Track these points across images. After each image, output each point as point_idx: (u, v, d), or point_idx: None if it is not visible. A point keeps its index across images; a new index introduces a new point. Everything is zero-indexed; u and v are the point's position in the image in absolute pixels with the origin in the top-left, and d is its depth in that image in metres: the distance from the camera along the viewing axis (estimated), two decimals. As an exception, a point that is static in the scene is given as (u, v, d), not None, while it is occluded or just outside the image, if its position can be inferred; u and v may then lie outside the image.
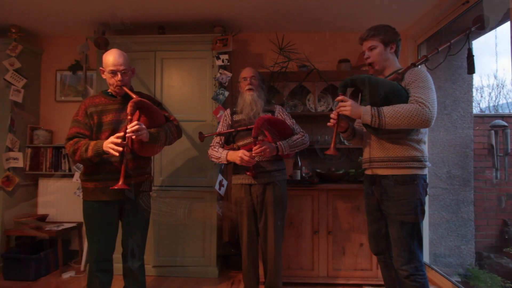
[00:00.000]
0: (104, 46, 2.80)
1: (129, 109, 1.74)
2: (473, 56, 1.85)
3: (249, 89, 2.20)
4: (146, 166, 2.05)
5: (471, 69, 1.86)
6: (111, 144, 1.71)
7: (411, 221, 1.67)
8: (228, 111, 2.32)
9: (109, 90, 1.97)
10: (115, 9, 2.80)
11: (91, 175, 1.87)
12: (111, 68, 1.86)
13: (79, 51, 3.12)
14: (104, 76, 1.93)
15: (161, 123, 1.95)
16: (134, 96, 1.83)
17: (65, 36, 3.41)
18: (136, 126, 1.73)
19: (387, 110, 1.61)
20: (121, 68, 1.87)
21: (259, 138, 2.05)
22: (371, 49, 1.81)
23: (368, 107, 1.64)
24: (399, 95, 1.64)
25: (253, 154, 2.01)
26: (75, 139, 1.82)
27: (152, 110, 1.89)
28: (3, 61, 3.03)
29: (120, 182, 1.69)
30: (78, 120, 1.88)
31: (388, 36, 1.78)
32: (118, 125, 1.89)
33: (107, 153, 1.75)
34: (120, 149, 1.70)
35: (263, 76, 2.37)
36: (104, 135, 1.86)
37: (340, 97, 1.70)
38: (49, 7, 2.78)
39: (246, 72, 2.25)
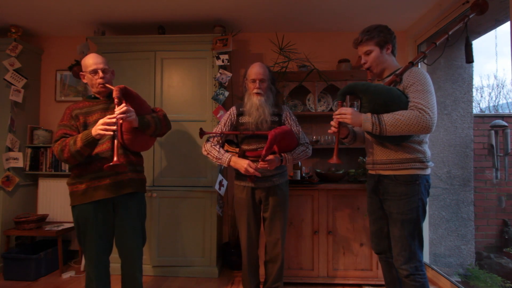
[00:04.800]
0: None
1: (115, 93, 1.72)
2: (471, 44, 1.82)
3: (258, 93, 2.08)
4: (138, 164, 2.00)
5: (469, 58, 1.84)
6: (101, 126, 1.68)
7: (412, 220, 1.67)
8: (235, 110, 2.20)
9: (91, 94, 1.97)
10: (115, 9, 2.80)
11: (82, 177, 1.83)
12: (92, 67, 1.86)
13: (79, 51, 3.12)
14: (85, 81, 1.93)
15: (146, 112, 1.95)
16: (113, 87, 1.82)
17: (65, 36, 3.41)
18: (125, 108, 1.70)
19: (387, 117, 1.60)
20: (101, 66, 1.87)
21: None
22: (367, 53, 1.79)
23: (369, 114, 1.64)
24: (399, 101, 1.63)
25: (258, 168, 1.99)
26: (62, 139, 1.80)
27: (137, 98, 1.88)
28: (3, 61, 3.03)
29: (115, 159, 1.63)
30: (64, 124, 1.86)
31: (382, 37, 1.76)
32: None
33: (98, 139, 1.72)
34: (113, 127, 1.66)
35: (273, 73, 2.24)
36: None
37: (339, 107, 1.70)
38: (49, 7, 2.79)
39: (256, 74, 2.09)
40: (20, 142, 3.13)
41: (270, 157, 1.99)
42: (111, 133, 1.68)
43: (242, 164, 2.02)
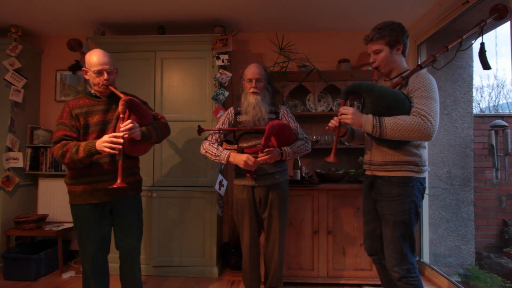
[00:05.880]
0: (78, 48, 2.74)
1: (120, 108, 1.71)
2: (486, 51, 1.75)
3: (254, 93, 2.11)
4: (135, 167, 2.02)
5: (486, 65, 1.75)
6: (106, 143, 1.67)
7: (404, 222, 1.65)
8: (232, 110, 2.24)
9: (92, 91, 1.93)
10: (115, 9, 2.80)
11: (79, 178, 1.82)
12: (97, 68, 1.81)
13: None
14: (87, 77, 1.88)
15: (150, 121, 1.94)
16: (121, 95, 1.80)
17: (65, 36, 3.40)
18: (130, 125, 1.70)
19: (388, 121, 1.58)
20: (107, 67, 1.83)
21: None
22: (376, 52, 1.75)
23: (370, 116, 1.62)
24: (402, 105, 1.61)
25: (258, 160, 1.99)
26: (63, 142, 1.76)
27: (142, 109, 1.87)
28: (3, 61, 3.03)
29: (119, 181, 1.65)
30: (64, 122, 1.81)
31: (394, 37, 1.71)
32: (105, 126, 1.86)
33: (101, 153, 1.71)
34: (120, 146, 1.66)
35: (270, 73, 2.25)
36: (91, 137, 1.83)
37: (341, 106, 1.69)
38: (49, 7, 2.79)
39: (252, 73, 2.13)
40: (20, 142, 3.13)
41: (270, 149, 2.00)
42: (117, 152, 1.68)
43: (241, 158, 2.01)
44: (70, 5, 2.75)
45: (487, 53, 1.80)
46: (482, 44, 1.76)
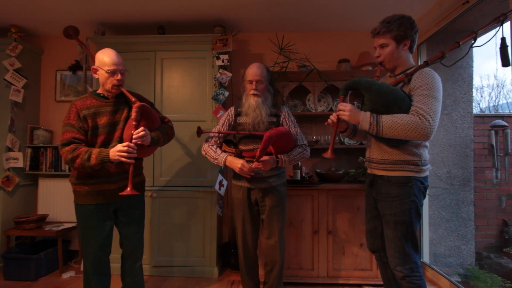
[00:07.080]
0: (75, 36, 2.73)
1: (134, 114, 1.73)
2: (507, 46, 1.63)
3: (255, 95, 2.07)
4: (139, 167, 2.04)
5: (505, 61, 1.65)
6: (122, 153, 1.68)
7: (404, 222, 1.64)
8: (233, 110, 2.21)
9: (98, 91, 1.90)
10: (115, 9, 2.80)
11: (84, 179, 1.82)
12: (111, 67, 1.79)
13: (79, 51, 3.12)
14: (96, 76, 1.85)
15: (158, 126, 1.96)
16: (132, 98, 1.81)
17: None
18: (143, 132, 1.74)
19: (386, 119, 1.56)
20: (120, 68, 1.82)
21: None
22: (382, 47, 1.71)
23: (368, 113, 1.60)
24: (401, 104, 1.58)
25: (253, 167, 1.98)
26: (72, 146, 1.73)
27: (152, 114, 1.88)
28: (3, 61, 3.03)
29: (129, 188, 1.69)
30: (72, 124, 1.78)
31: (401, 31, 1.65)
32: (113, 127, 1.85)
33: (113, 162, 1.72)
34: (134, 155, 1.70)
35: (272, 73, 2.21)
36: (99, 139, 1.82)
37: (340, 102, 1.68)
38: (49, 7, 2.79)
39: (252, 75, 2.08)
40: (20, 142, 3.13)
41: (265, 158, 1.98)
42: (132, 161, 1.71)
43: (237, 163, 2.02)
44: (70, 5, 2.75)
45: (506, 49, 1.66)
46: (503, 39, 1.64)
